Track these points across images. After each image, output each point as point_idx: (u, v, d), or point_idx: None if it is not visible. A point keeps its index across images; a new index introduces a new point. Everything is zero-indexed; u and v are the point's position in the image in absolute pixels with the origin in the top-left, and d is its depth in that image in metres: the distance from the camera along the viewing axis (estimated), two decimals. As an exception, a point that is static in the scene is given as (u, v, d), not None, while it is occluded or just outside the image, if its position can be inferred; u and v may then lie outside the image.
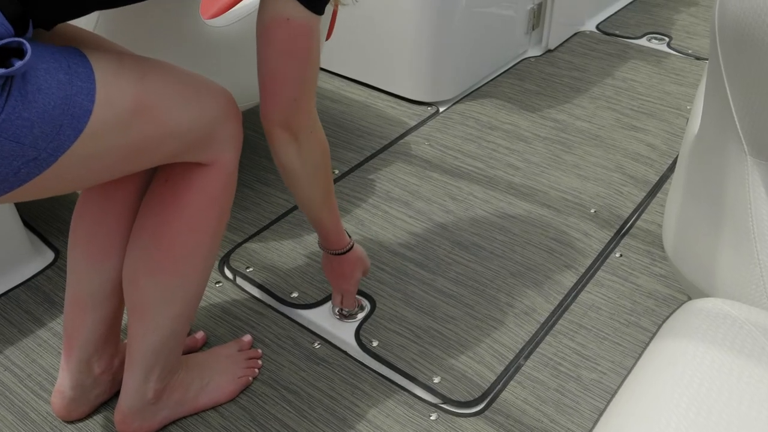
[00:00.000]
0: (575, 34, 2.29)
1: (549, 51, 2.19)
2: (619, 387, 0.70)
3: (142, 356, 0.98)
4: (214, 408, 1.11)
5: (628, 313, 1.30)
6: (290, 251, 1.44)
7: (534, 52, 2.18)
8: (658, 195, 1.58)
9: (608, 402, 0.80)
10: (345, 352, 1.22)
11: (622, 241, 1.46)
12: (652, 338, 0.72)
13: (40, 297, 1.31)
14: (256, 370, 1.17)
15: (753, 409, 0.59)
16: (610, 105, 1.91)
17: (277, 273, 1.39)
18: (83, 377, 1.04)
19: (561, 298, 1.32)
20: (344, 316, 1.29)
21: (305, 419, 1.11)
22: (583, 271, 1.38)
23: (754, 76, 0.76)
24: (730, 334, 0.65)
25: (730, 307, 0.68)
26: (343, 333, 1.26)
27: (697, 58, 2.14)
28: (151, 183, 0.96)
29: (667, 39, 2.25)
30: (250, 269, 1.39)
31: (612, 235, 1.46)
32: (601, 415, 0.76)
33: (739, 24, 0.75)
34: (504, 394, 1.15)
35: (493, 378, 1.18)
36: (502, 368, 1.20)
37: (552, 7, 2.11)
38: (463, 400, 1.14)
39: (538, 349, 1.23)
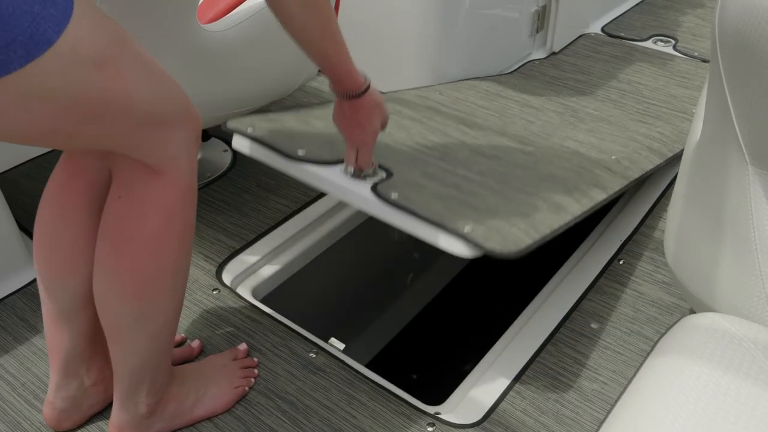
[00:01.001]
0: (580, 36, 2.27)
1: (553, 53, 2.16)
2: (615, 403, 0.68)
3: (127, 376, 0.96)
4: (209, 419, 1.10)
5: (630, 321, 1.28)
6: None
7: (538, 54, 2.16)
8: (662, 200, 1.56)
9: (606, 415, 0.78)
10: (342, 361, 1.20)
11: (625, 248, 1.44)
12: (648, 354, 0.70)
13: (35, 304, 1.30)
14: (252, 380, 1.16)
15: (749, 429, 0.57)
16: (615, 107, 1.89)
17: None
18: (73, 389, 1.03)
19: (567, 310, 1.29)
20: (358, 177, 1.15)
21: (301, 430, 1.09)
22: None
23: (754, 84, 0.74)
24: (728, 352, 0.63)
25: (729, 323, 0.66)
26: (359, 188, 1.14)
27: (704, 61, 2.11)
28: (106, 200, 0.91)
29: (673, 41, 2.22)
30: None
31: (627, 183, 1.35)
32: (598, 430, 0.74)
33: (738, 31, 0.74)
34: (503, 405, 1.14)
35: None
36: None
37: (557, 9, 2.09)
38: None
39: (538, 359, 1.21)
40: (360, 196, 1.11)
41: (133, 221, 0.87)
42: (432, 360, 1.79)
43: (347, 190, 1.12)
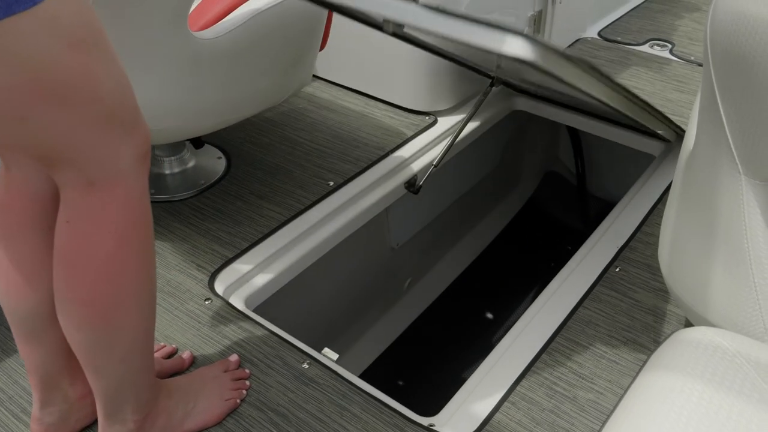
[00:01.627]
0: (577, 40, 2.26)
1: (550, 58, 2.15)
2: (607, 420, 0.67)
3: (107, 397, 0.94)
4: None
5: (626, 329, 1.27)
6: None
7: (534, 59, 2.14)
8: (659, 206, 1.55)
9: (600, 429, 0.77)
10: (335, 372, 1.19)
11: (622, 254, 1.43)
12: (640, 370, 0.69)
13: (26, 315, 1.29)
14: (244, 392, 1.14)
15: (743, 450, 0.56)
16: (611, 113, 1.88)
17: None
18: (58, 404, 1.01)
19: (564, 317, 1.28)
20: None
21: (292, 442, 1.08)
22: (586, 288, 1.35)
23: (746, 93, 0.73)
24: (720, 369, 0.62)
25: (722, 338, 0.65)
26: None
27: (700, 65, 2.10)
28: (56, 225, 0.85)
29: (669, 45, 2.21)
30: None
31: None
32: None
33: (729, 39, 0.72)
34: (497, 416, 1.12)
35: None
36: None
37: (553, 14, 2.08)
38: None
39: (533, 368, 1.20)
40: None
41: (84, 247, 0.82)
42: (427, 370, 1.78)
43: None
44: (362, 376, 1.73)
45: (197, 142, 1.65)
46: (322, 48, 1.57)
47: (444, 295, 2.01)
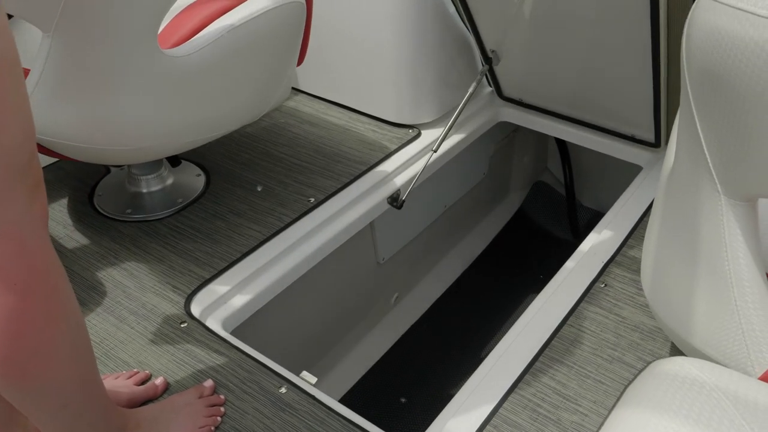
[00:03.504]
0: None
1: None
2: None
3: None
4: (172, 461, 1.05)
5: (612, 347, 1.24)
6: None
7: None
8: (645, 219, 1.52)
9: None
10: (313, 397, 1.16)
11: (607, 270, 1.40)
12: (615, 405, 0.66)
13: None
14: (219, 419, 1.11)
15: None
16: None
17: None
18: None
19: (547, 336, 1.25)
20: None
21: (268, 472, 1.05)
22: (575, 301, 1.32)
23: (722, 111, 0.70)
24: (697, 405, 0.59)
25: (700, 371, 0.62)
26: None
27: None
28: None
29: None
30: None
31: None
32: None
33: (705, 56, 0.70)
34: (479, 440, 1.09)
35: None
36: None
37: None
38: None
39: (516, 389, 1.17)
40: None
41: None
42: (409, 391, 1.74)
43: None
44: (344, 399, 1.69)
45: (174, 160, 1.62)
46: (300, 63, 1.54)
47: (427, 314, 1.97)
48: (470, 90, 1.70)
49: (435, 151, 1.66)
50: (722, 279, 0.78)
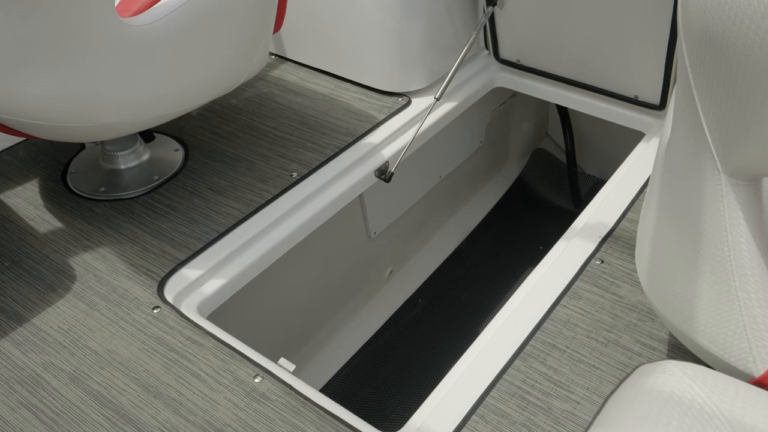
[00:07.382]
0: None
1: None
2: None
3: None
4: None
5: (608, 329, 1.17)
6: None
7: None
8: (644, 192, 1.43)
9: None
10: (289, 386, 1.10)
11: (604, 245, 1.32)
12: (598, 412, 0.59)
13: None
14: None
15: None
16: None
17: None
18: None
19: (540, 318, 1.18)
20: None
21: (240, 468, 0.99)
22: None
23: (720, 78, 0.62)
24: (688, 416, 0.52)
25: (692, 380, 0.54)
26: None
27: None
28: None
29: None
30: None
31: None
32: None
33: (702, 18, 0.61)
34: (464, 431, 1.03)
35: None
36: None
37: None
38: None
39: (505, 376, 1.10)
40: None
41: None
42: (393, 380, 1.67)
43: None
44: (328, 385, 1.63)
45: (147, 135, 1.54)
46: (276, 30, 1.45)
47: (413, 297, 1.90)
48: (472, 37, 1.60)
49: (437, 99, 1.57)
50: (722, 267, 0.70)
